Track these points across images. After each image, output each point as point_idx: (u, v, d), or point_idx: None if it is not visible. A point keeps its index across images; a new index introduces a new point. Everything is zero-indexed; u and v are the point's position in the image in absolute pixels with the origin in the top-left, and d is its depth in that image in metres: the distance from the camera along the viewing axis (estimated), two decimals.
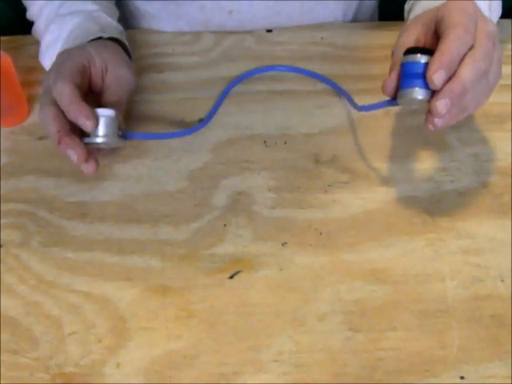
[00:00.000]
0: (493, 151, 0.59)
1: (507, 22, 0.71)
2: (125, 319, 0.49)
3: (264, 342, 0.47)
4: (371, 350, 0.47)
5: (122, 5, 0.74)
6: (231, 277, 0.51)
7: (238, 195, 0.56)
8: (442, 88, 0.47)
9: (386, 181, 0.57)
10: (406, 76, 0.49)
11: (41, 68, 0.62)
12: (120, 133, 0.52)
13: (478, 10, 0.50)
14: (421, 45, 0.51)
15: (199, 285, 0.51)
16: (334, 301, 0.49)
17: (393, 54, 0.53)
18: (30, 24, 0.65)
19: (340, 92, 0.64)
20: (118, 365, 0.46)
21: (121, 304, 0.50)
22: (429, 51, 0.48)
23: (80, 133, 0.51)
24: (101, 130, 0.51)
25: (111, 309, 0.49)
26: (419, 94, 0.48)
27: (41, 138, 0.61)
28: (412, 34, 0.52)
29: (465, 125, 0.61)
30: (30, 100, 0.64)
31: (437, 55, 0.47)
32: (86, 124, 0.50)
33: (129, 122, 0.58)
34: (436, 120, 0.48)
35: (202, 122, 0.62)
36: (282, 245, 0.53)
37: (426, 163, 0.58)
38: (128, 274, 0.51)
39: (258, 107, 0.64)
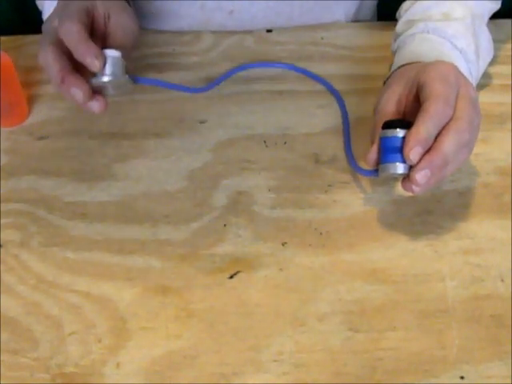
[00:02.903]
0: (493, 151, 0.59)
1: (507, 21, 0.71)
2: (125, 319, 0.49)
3: (264, 341, 0.47)
4: (371, 349, 0.47)
5: None
6: (231, 277, 0.51)
7: (237, 195, 0.56)
8: (422, 158, 0.47)
9: (386, 181, 0.57)
10: (386, 150, 0.50)
11: (40, 68, 0.62)
12: (127, 76, 0.52)
13: (459, 75, 0.50)
14: (402, 106, 0.52)
15: (199, 285, 0.51)
16: (334, 301, 0.49)
17: (375, 111, 0.54)
18: (30, 24, 0.65)
19: (332, 92, 0.64)
20: (117, 365, 0.46)
21: (121, 304, 0.50)
22: (407, 124, 0.48)
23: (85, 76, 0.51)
24: (108, 69, 0.51)
25: (111, 309, 0.49)
26: (399, 168, 0.49)
27: (41, 138, 0.61)
28: (394, 94, 0.52)
29: None
30: (30, 100, 0.64)
31: (414, 131, 0.47)
32: (94, 63, 0.49)
33: (129, 122, 0.58)
34: (414, 187, 0.48)
35: (211, 83, 0.62)
36: (282, 245, 0.53)
37: None
38: (128, 273, 0.51)
39: (258, 107, 0.64)
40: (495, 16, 0.64)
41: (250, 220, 0.55)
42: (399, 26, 0.61)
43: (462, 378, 0.45)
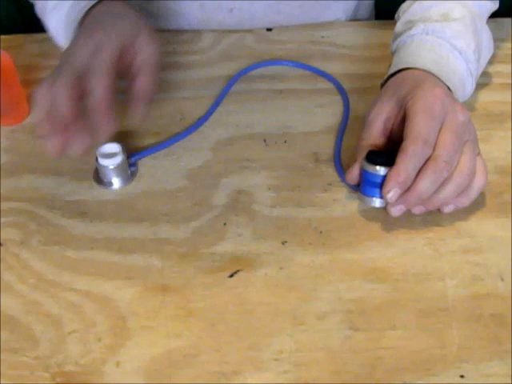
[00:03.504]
0: (493, 150, 0.59)
1: (507, 20, 0.71)
2: (125, 318, 0.49)
3: (264, 340, 0.47)
4: (371, 348, 0.47)
5: None
6: (231, 276, 0.51)
7: (237, 194, 0.56)
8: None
9: None
10: (366, 183, 0.52)
11: (41, 67, 0.62)
12: (129, 160, 0.57)
13: (447, 102, 0.50)
14: (390, 124, 0.53)
15: (199, 284, 0.51)
16: (334, 300, 0.49)
17: (365, 120, 0.54)
18: (31, 23, 0.65)
19: (338, 88, 0.65)
20: (117, 363, 0.46)
21: (121, 303, 0.50)
22: (391, 158, 0.49)
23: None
24: (111, 176, 0.57)
25: (111, 308, 0.49)
26: (377, 203, 0.52)
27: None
28: (384, 111, 0.53)
29: None
30: (30, 99, 0.64)
31: (393, 172, 0.48)
32: (103, 127, 0.51)
33: (129, 121, 0.57)
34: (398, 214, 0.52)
35: (200, 120, 0.62)
36: (282, 244, 0.53)
37: None
38: (128, 272, 0.51)
39: (258, 106, 0.64)
40: (495, 15, 0.64)
41: (250, 219, 0.55)
42: (398, 26, 0.61)
43: (462, 376, 0.45)
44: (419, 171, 0.48)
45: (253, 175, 0.58)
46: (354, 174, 0.53)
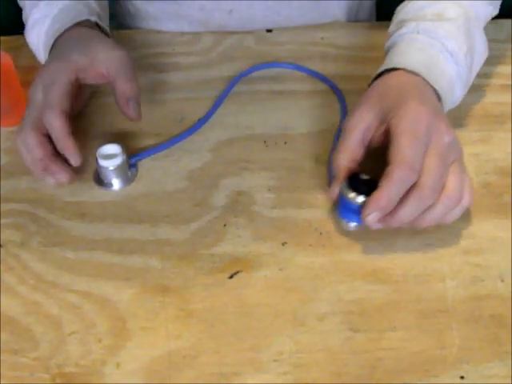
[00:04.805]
0: (493, 151, 0.59)
1: (507, 21, 0.71)
2: (124, 319, 0.49)
3: (264, 341, 0.47)
4: (371, 349, 0.47)
5: (122, 5, 0.74)
6: (231, 277, 0.51)
7: (237, 195, 0.56)
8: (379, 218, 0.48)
9: None
10: (344, 208, 0.51)
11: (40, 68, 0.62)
12: (129, 161, 0.57)
13: (432, 121, 0.48)
14: (369, 135, 0.51)
15: (199, 285, 0.51)
16: (334, 301, 0.49)
17: (345, 123, 0.52)
18: None
19: (335, 91, 0.64)
20: (117, 365, 0.46)
21: (120, 304, 0.50)
22: (371, 185, 0.48)
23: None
24: (111, 177, 0.57)
25: (111, 309, 0.49)
26: (354, 227, 0.51)
27: None
28: (364, 121, 0.51)
29: (465, 125, 0.61)
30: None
31: (375, 196, 0.47)
32: (71, 160, 0.54)
33: (129, 121, 0.58)
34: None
35: (200, 121, 0.62)
36: (282, 245, 0.53)
37: None
38: (127, 273, 0.51)
39: (258, 107, 0.64)
40: (495, 16, 0.64)
41: (250, 220, 0.55)
42: (392, 26, 0.61)
43: (462, 377, 0.45)
44: (403, 196, 0.47)
45: (253, 176, 0.58)
46: (334, 193, 0.51)
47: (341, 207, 0.52)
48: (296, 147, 0.60)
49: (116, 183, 0.57)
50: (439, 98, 0.53)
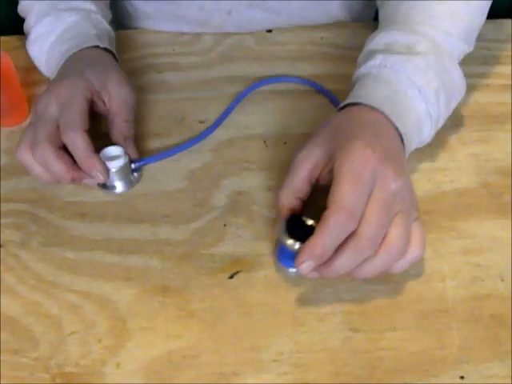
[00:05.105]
0: (493, 151, 0.59)
1: (507, 21, 0.71)
2: (124, 319, 0.49)
3: (264, 341, 0.47)
4: (371, 349, 0.47)
5: (121, 5, 0.74)
6: (231, 277, 0.51)
7: (237, 195, 0.56)
8: (313, 267, 0.44)
9: None
10: (281, 252, 0.50)
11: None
12: (133, 166, 0.57)
13: (377, 165, 0.44)
14: (316, 173, 0.48)
15: (199, 285, 0.51)
16: (334, 301, 0.49)
17: (295, 156, 0.49)
18: None
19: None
20: (117, 365, 0.46)
21: (120, 304, 0.50)
22: (309, 230, 0.45)
23: None
24: (114, 179, 0.56)
25: (111, 309, 0.49)
26: (292, 272, 0.50)
27: None
28: (312, 156, 0.48)
29: (465, 125, 0.61)
30: (30, 100, 0.64)
31: (310, 244, 0.43)
32: (98, 178, 0.54)
33: None
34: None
35: (207, 130, 0.61)
36: None
37: (425, 163, 0.58)
38: (127, 273, 0.51)
39: (257, 107, 0.64)
40: (495, 16, 0.64)
41: (250, 220, 0.55)
42: (361, 55, 0.58)
43: (462, 377, 0.45)
44: (339, 246, 0.43)
45: (252, 176, 0.58)
46: (276, 229, 0.50)
47: (278, 251, 0.50)
48: (295, 147, 0.60)
49: (119, 185, 0.57)
50: (402, 137, 0.50)
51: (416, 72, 0.52)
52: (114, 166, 0.55)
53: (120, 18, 0.76)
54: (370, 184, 0.44)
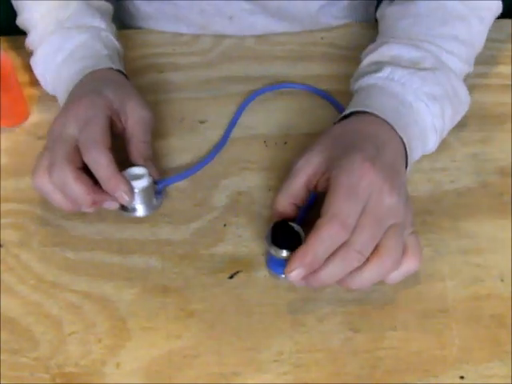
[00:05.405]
0: (493, 151, 0.59)
1: (507, 21, 0.71)
2: (125, 319, 0.49)
3: (264, 342, 0.47)
4: (371, 349, 0.47)
5: (122, 5, 0.74)
6: (231, 277, 0.51)
7: (237, 195, 0.56)
8: (302, 277, 0.44)
9: None
10: (270, 260, 0.50)
11: None
12: (155, 188, 0.54)
13: (374, 179, 0.44)
14: (313, 183, 0.48)
15: (199, 285, 0.51)
16: (334, 301, 0.49)
17: (294, 164, 0.49)
18: None
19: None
20: (117, 365, 0.46)
21: (120, 304, 0.50)
22: (297, 239, 0.46)
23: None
24: (137, 200, 0.52)
25: (111, 309, 0.49)
26: (282, 278, 0.49)
27: (41, 138, 0.61)
28: (312, 163, 0.48)
29: (465, 125, 0.61)
30: (30, 100, 0.64)
31: (300, 252, 0.43)
32: (123, 198, 0.50)
33: None
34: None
35: (221, 142, 0.60)
36: None
37: (425, 163, 0.58)
38: (128, 273, 0.51)
39: (258, 107, 0.64)
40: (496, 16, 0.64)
41: (250, 220, 0.55)
42: (363, 65, 0.58)
43: (461, 377, 0.45)
44: (329, 256, 0.43)
45: (253, 176, 0.58)
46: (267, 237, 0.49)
47: (268, 259, 0.50)
48: (296, 147, 0.60)
49: (140, 209, 0.53)
50: (405, 147, 0.50)
51: (423, 86, 0.53)
52: (139, 186, 0.51)
53: (121, 17, 0.76)
54: (366, 196, 0.44)
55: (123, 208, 0.53)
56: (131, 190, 0.51)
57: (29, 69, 0.66)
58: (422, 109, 0.52)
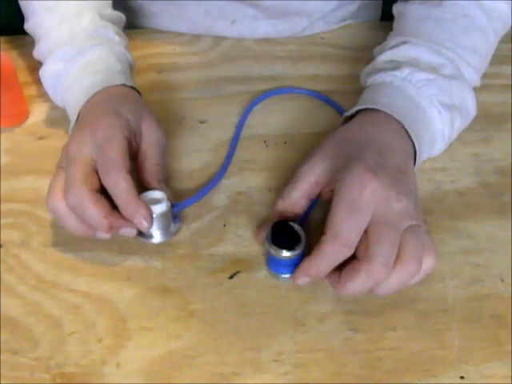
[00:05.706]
0: (493, 151, 0.59)
1: None
2: (125, 319, 0.49)
3: (264, 342, 0.47)
4: (371, 349, 0.47)
5: (126, 3, 0.74)
6: (231, 277, 0.51)
7: (238, 195, 0.56)
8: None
9: None
10: (271, 261, 0.50)
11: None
12: (175, 211, 0.52)
13: (377, 189, 0.44)
14: (317, 189, 0.48)
15: (199, 285, 0.51)
16: (334, 301, 0.49)
17: (297, 171, 0.49)
18: None
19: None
20: (117, 365, 0.46)
21: (121, 304, 0.49)
22: (295, 238, 0.47)
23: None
24: (156, 225, 0.50)
25: (111, 309, 0.49)
26: (285, 279, 0.50)
27: (41, 138, 0.61)
28: (315, 171, 0.48)
29: None
30: (30, 100, 0.64)
31: (305, 265, 0.45)
32: (142, 225, 0.48)
33: None
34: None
35: (230, 150, 0.59)
36: None
37: (425, 163, 0.58)
38: (128, 274, 0.51)
39: (258, 107, 0.64)
40: None
41: (250, 220, 0.55)
42: (381, 61, 0.57)
43: (462, 377, 0.45)
44: (350, 270, 0.44)
45: (253, 176, 0.58)
46: (260, 238, 0.51)
47: (268, 260, 0.50)
48: (296, 147, 0.60)
49: (157, 235, 0.52)
50: (415, 148, 0.51)
51: (438, 93, 0.53)
52: (157, 211, 0.49)
53: (125, 15, 0.76)
54: (370, 208, 0.44)
55: (140, 233, 0.51)
56: (151, 215, 0.48)
57: (29, 69, 0.66)
58: (434, 116, 0.53)
